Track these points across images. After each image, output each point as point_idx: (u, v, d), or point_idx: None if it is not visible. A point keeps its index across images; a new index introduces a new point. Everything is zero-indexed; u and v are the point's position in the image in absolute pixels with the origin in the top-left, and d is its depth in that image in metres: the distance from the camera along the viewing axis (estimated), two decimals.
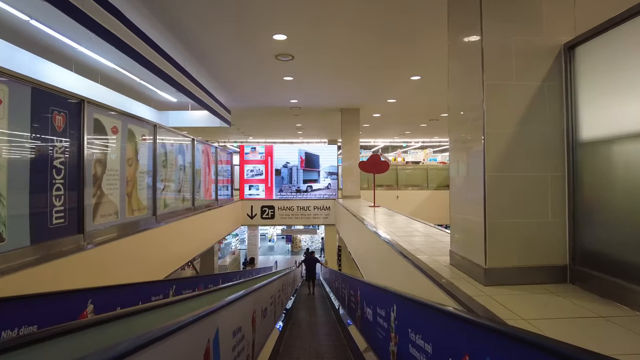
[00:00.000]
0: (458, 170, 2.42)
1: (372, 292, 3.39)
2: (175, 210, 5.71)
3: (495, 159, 2.04)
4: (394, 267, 3.45)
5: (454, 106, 2.54)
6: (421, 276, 2.49)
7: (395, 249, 3.23)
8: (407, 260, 2.82)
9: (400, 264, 3.06)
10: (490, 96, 2.05)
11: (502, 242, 2.02)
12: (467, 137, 2.28)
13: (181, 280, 5.48)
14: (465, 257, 2.28)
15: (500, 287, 1.98)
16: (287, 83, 7.82)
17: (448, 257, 2.78)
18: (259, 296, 3.25)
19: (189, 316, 1.46)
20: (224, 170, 9.33)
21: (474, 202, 2.14)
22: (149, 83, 8.01)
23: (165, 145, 5.45)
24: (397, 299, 2.43)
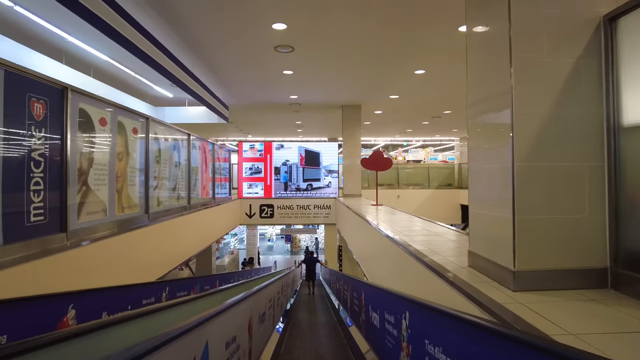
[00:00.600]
0: (479, 161, 2.17)
1: (378, 295, 3.13)
2: (169, 208, 5.45)
3: (525, 146, 1.79)
4: (403, 269, 3.20)
5: (475, 90, 2.29)
6: (436, 279, 2.24)
7: (405, 250, 2.98)
8: (420, 262, 2.56)
9: (411, 265, 2.81)
10: (519, 75, 1.80)
11: (533, 242, 1.77)
12: (492, 123, 2.02)
13: (176, 281, 5.22)
14: (488, 258, 2.03)
15: (532, 292, 1.73)
16: (286, 77, 7.57)
17: (465, 258, 2.53)
18: (257, 300, 2.99)
19: (172, 330, 1.21)
20: (222, 168, 9.07)
21: (500, 197, 1.89)
22: (143, 77, 7.75)
23: (159, 140, 5.19)
24: (410, 305, 2.17)
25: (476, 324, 1.26)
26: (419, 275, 2.66)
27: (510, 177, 1.79)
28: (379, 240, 4.26)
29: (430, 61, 6.66)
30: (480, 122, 2.20)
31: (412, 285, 2.89)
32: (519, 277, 1.76)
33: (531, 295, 1.71)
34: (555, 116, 1.80)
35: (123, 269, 4.08)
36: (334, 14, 4.78)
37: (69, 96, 3.10)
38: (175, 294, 4.98)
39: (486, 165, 2.08)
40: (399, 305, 2.42)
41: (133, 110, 4.37)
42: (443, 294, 2.15)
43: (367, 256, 5.50)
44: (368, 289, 3.71)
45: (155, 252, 4.87)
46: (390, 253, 3.70)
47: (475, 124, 2.28)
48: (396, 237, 3.47)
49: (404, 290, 2.60)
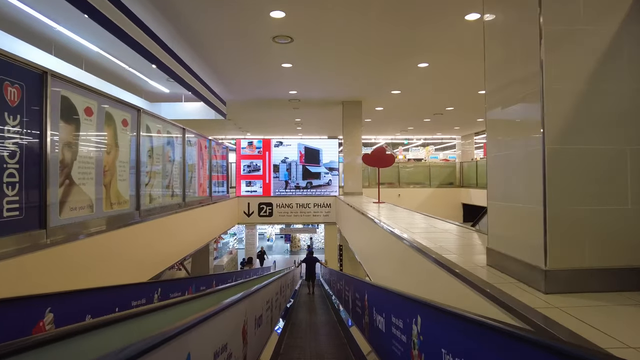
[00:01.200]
0: (501, 146, 1.93)
1: (384, 297, 2.90)
2: (162, 205, 5.21)
3: (557, 127, 1.55)
4: (411, 269, 2.97)
5: (496, 71, 2.04)
6: (452, 280, 2.00)
7: (413, 248, 2.74)
8: (431, 261, 2.33)
9: (421, 265, 2.57)
10: (551, 45, 1.56)
11: (567, 236, 1.54)
12: (518, 100, 1.78)
13: (169, 282, 4.98)
14: (512, 256, 1.79)
15: (567, 295, 1.50)
16: (285, 71, 7.32)
17: (481, 256, 2.30)
18: (253, 303, 2.75)
19: (143, 343, 0.97)
20: (219, 165, 8.83)
21: (527, 186, 1.65)
22: (138, 71, 7.51)
23: (152, 133, 4.95)
24: (424, 309, 1.94)
25: (516, 335, 1.03)
26: (430, 275, 2.42)
27: (541, 163, 1.55)
28: (383, 238, 4.02)
29: (435, 53, 6.43)
30: (502, 104, 1.96)
31: (422, 287, 2.66)
32: (551, 277, 1.53)
33: (567, 299, 1.47)
34: (593, 92, 1.56)
35: (112, 269, 3.84)
36: (335, 3, 4.55)
37: (48, 81, 2.86)
38: (169, 294, 4.75)
39: (509, 150, 1.84)
40: (409, 308, 2.18)
41: (123, 100, 4.13)
42: (460, 296, 1.91)
43: (369, 255, 5.26)
44: (372, 290, 3.47)
45: (147, 250, 4.63)
46: (395, 251, 3.47)
47: (495, 107, 2.04)
48: (403, 235, 3.24)
49: (412, 292, 2.36)
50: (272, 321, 4.32)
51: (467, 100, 10.19)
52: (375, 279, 4.48)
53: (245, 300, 2.49)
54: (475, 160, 16.98)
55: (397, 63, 6.92)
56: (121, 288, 3.53)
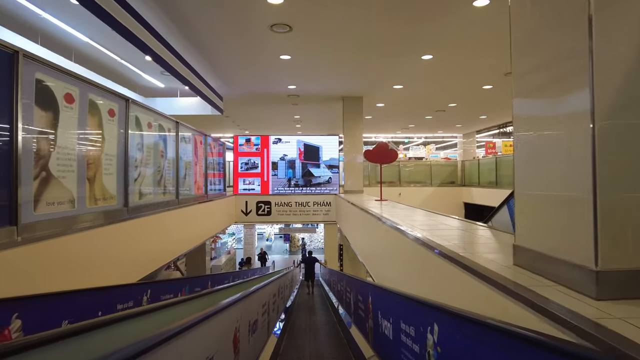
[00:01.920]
0: (533, 124, 1.66)
1: (392, 301, 2.62)
2: (153, 202, 4.93)
3: (609, 100, 1.28)
4: (422, 270, 2.70)
5: (527, 37, 1.77)
6: (474, 283, 1.73)
7: (425, 246, 2.47)
8: (448, 261, 2.05)
9: (434, 265, 2.30)
10: (602, 3, 1.29)
11: (624, 230, 1.27)
12: (558, 71, 1.51)
13: (160, 283, 4.70)
14: (549, 254, 1.52)
15: (626, 302, 1.23)
16: (284, 64, 7.05)
17: (504, 255, 2.03)
18: (247, 307, 2.48)
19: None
20: (216, 162, 8.56)
21: (572, 169, 1.38)
22: (131, 63, 7.23)
23: (142, 125, 4.67)
24: (441, 315, 1.67)
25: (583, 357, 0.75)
26: (445, 276, 2.15)
27: (589, 142, 1.28)
28: (388, 236, 3.75)
29: (440, 44, 6.16)
30: (535, 77, 1.69)
31: (435, 289, 2.39)
32: (604, 279, 1.25)
33: (626, 307, 1.20)
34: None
35: (96, 269, 3.56)
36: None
37: (20, 63, 2.58)
38: (159, 296, 4.47)
39: (546, 130, 1.57)
40: (424, 314, 1.91)
41: (109, 89, 3.85)
42: (485, 301, 1.64)
43: (373, 255, 4.99)
44: (377, 292, 3.20)
45: (137, 250, 4.35)
46: (402, 250, 3.20)
47: (526, 82, 1.77)
48: (411, 232, 2.96)
49: (421, 295, 2.09)
50: (269, 325, 4.04)
51: (470, 96, 9.93)
52: (379, 280, 4.21)
53: (238, 305, 2.21)
54: (477, 159, 16.75)
55: (400, 55, 6.65)
56: (106, 290, 3.26)
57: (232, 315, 2.06)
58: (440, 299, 1.84)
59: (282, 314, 6.31)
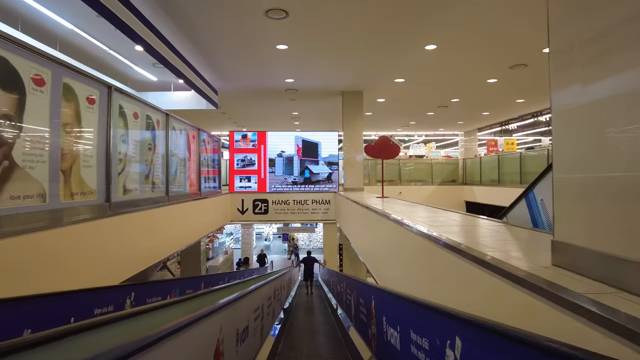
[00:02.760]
0: (578, 90, 1.35)
1: (400, 306, 2.31)
2: (140, 198, 4.61)
3: None
4: (435, 272, 2.38)
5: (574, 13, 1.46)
6: (505, 286, 1.41)
7: (440, 245, 2.15)
8: (471, 262, 1.73)
9: (451, 266, 1.99)
10: None
11: None
12: (614, 32, 1.19)
13: (147, 285, 4.38)
14: (607, 252, 1.20)
15: None
16: (281, 54, 6.73)
17: (535, 253, 1.71)
18: (233, 314, 2.16)
19: None
20: (210, 158, 8.24)
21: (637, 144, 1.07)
22: (121, 54, 6.90)
23: (128, 116, 4.35)
24: (466, 329, 1.35)
25: None
26: (465, 280, 1.83)
27: None
28: (393, 234, 3.43)
29: (444, 33, 5.84)
30: (581, 31, 1.37)
31: (453, 295, 2.07)
32: None
33: None
34: None
35: (72, 270, 3.24)
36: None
37: None
38: (145, 299, 4.15)
39: (600, 92, 1.25)
40: (442, 325, 1.59)
41: (88, 73, 3.53)
42: (521, 310, 1.32)
43: (375, 255, 4.66)
44: (382, 296, 2.88)
45: (120, 249, 4.03)
46: (411, 250, 2.88)
47: (570, 36, 1.46)
48: (422, 229, 2.64)
49: (434, 300, 1.77)
50: (262, 331, 3.72)
51: (474, 91, 9.62)
52: (382, 282, 3.89)
53: (221, 314, 1.89)
54: (479, 157, 16.49)
55: (403, 45, 6.33)
56: (82, 293, 2.94)
57: (212, 326, 1.74)
58: (460, 307, 1.52)
59: (280, 318, 6.01)
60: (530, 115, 14.83)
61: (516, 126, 17.24)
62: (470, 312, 1.37)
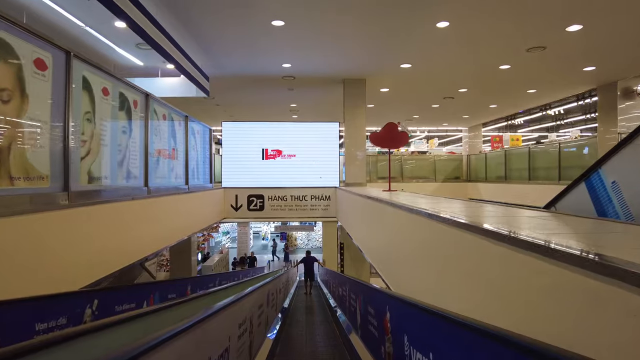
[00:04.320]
0: None
1: (435, 327, 1.65)
2: (110, 188, 3.95)
3: None
4: (492, 279, 1.73)
5: None
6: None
7: (509, 243, 1.50)
8: (574, 266, 1.08)
9: (533, 273, 1.34)
10: None
11: None
12: None
13: (115, 290, 3.72)
14: None
15: None
16: (277, 33, 6.07)
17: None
18: (202, 337, 1.50)
19: None
20: (201, 148, 7.58)
21: None
22: (100, 33, 6.22)
23: (94, 90, 3.69)
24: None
25: None
26: (560, 292, 1.18)
27: None
28: (417, 230, 2.79)
29: (458, 8, 5.20)
30: None
31: (513, 307, 1.42)
32: None
33: None
34: None
35: (12, 274, 2.59)
36: None
37: None
38: (113, 307, 3.50)
39: None
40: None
41: (35, 31, 2.87)
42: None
43: (388, 255, 3.99)
44: (403, 309, 2.23)
45: (83, 248, 3.36)
46: (448, 250, 2.23)
47: None
48: (474, 223, 1.98)
49: (474, 313, 1.14)
50: (251, 348, 3.06)
51: (484, 79, 8.99)
52: (399, 288, 3.23)
53: (179, 341, 1.24)
54: (484, 153, 15.94)
55: (412, 22, 5.68)
56: (20, 303, 2.30)
57: (189, 347, 1.11)
58: (539, 329, 0.87)
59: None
60: (539, 109, 14.22)
61: (522, 121, 16.60)
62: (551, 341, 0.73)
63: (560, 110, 14.05)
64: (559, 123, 16.73)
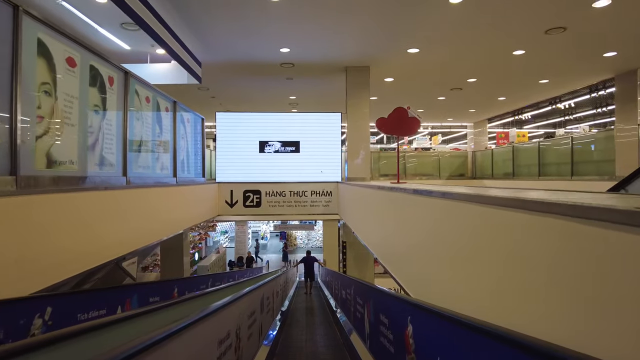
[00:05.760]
0: None
1: (488, 350, 1.08)
2: (78, 174, 3.38)
3: None
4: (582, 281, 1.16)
5: None
6: None
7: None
8: None
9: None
10: None
11: None
12: None
13: (72, 296, 3.15)
14: None
15: None
16: (274, 10, 5.50)
17: None
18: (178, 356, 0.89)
19: None
20: (191, 138, 7.01)
21: None
22: (76, 8, 5.64)
23: (55, 59, 3.12)
24: None
25: None
26: None
27: None
28: (456, 219, 2.22)
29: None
30: None
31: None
32: None
33: None
34: None
35: None
36: None
37: None
38: (76, 315, 2.94)
39: None
40: None
41: None
42: None
43: (408, 255, 3.36)
44: (433, 323, 1.65)
45: (35, 244, 2.78)
46: (511, 245, 1.66)
47: None
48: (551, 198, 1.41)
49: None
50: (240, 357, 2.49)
51: (496, 66, 8.41)
52: (420, 294, 2.65)
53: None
54: (490, 149, 15.42)
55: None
56: None
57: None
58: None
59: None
60: (548, 102, 13.65)
61: (530, 116, 16.03)
62: None
63: (571, 104, 13.48)
64: (567, 118, 16.18)
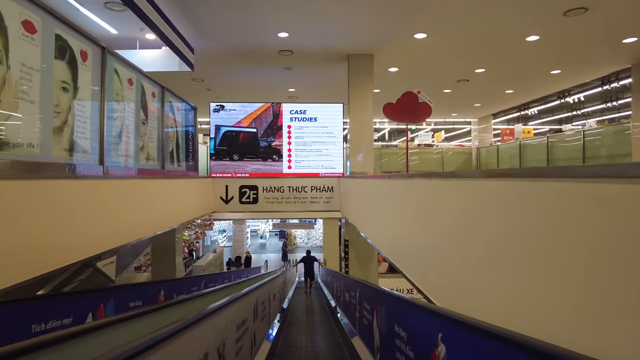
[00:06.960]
0: None
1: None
2: (40, 160, 2.89)
3: None
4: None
5: None
6: None
7: None
8: None
9: None
10: None
11: None
12: None
13: (23, 303, 2.67)
14: None
15: None
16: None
17: None
18: None
19: None
20: (181, 127, 6.53)
21: None
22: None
23: (5, 21, 2.64)
24: None
25: None
26: None
27: None
28: (501, 207, 1.74)
29: None
30: None
31: None
32: None
33: None
34: None
35: None
36: None
37: None
38: (30, 326, 2.46)
39: None
40: None
41: None
42: None
43: (432, 254, 2.84)
44: (482, 345, 1.16)
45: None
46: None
47: None
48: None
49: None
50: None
51: (507, 54, 7.94)
52: (453, 306, 2.16)
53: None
54: (495, 145, 15.00)
55: None
56: None
57: None
58: None
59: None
60: (556, 96, 13.17)
61: (536, 111, 15.55)
62: None
63: (580, 98, 13.01)
64: (574, 114, 15.71)
